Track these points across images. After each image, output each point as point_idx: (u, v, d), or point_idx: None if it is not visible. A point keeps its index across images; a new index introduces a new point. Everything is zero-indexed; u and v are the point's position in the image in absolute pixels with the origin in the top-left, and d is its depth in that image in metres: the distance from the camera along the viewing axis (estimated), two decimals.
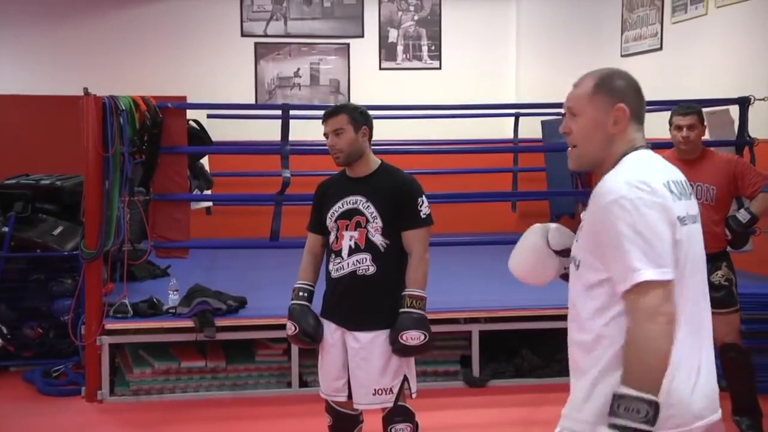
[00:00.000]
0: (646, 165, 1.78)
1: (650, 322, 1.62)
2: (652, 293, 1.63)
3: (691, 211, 1.80)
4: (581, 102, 1.85)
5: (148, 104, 4.67)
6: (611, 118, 1.82)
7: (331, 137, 3.02)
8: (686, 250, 1.75)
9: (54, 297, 5.02)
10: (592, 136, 1.84)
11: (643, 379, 1.60)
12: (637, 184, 1.70)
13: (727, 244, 3.93)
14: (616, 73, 1.87)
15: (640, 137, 1.86)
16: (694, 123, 3.87)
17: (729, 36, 6.06)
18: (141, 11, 7.87)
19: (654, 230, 1.66)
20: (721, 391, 4.50)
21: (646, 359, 1.61)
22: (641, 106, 1.87)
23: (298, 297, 3.08)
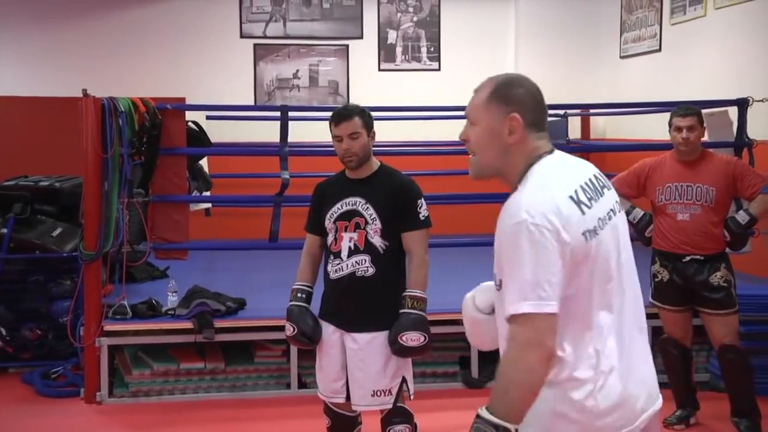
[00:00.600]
0: (550, 181, 1.73)
1: (522, 355, 1.62)
2: (529, 325, 1.62)
3: (604, 211, 1.77)
4: (477, 110, 1.81)
5: (147, 106, 4.67)
6: (506, 127, 1.77)
7: (346, 141, 2.99)
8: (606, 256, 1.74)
9: (53, 298, 5.02)
10: (488, 146, 1.80)
11: (504, 407, 1.61)
12: (537, 210, 1.66)
13: (726, 245, 3.93)
14: (514, 80, 1.82)
15: (543, 144, 1.81)
16: (693, 124, 3.88)
17: (728, 37, 6.06)
18: (140, 13, 7.87)
19: (540, 260, 1.63)
20: (719, 393, 4.53)
21: (511, 389, 1.62)
22: (540, 114, 1.81)
23: (297, 298, 3.09)
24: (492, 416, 1.60)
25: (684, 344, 4.04)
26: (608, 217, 1.79)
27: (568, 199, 1.71)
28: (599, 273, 1.74)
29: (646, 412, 1.79)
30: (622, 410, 1.74)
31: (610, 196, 1.85)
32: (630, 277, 1.85)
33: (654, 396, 1.85)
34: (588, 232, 1.71)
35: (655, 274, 4.03)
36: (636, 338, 1.83)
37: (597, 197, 1.78)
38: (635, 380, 1.78)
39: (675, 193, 3.92)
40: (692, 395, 4.11)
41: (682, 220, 3.90)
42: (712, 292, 3.87)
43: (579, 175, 1.80)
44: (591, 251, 1.71)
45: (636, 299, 1.86)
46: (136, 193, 4.74)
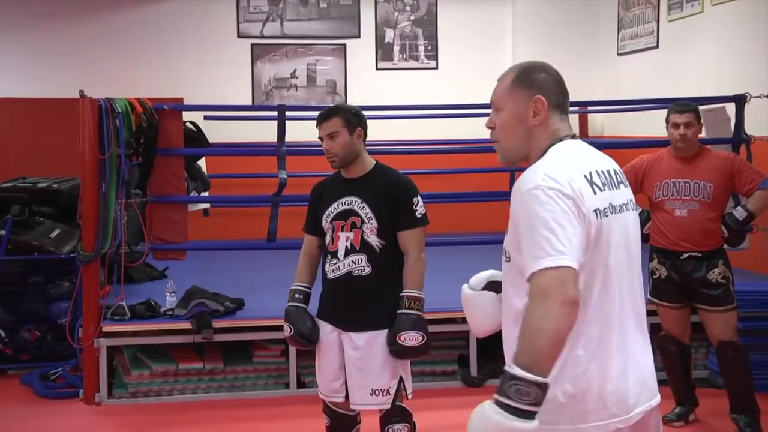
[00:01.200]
0: (566, 157, 1.79)
1: (542, 304, 1.60)
2: (546, 276, 1.62)
3: (617, 201, 1.81)
4: (502, 96, 1.87)
5: (144, 106, 4.67)
6: (530, 110, 1.83)
7: (326, 141, 3.01)
8: (607, 241, 1.76)
9: (51, 300, 5.02)
10: (513, 130, 1.85)
11: (533, 360, 1.58)
12: (551, 175, 1.71)
13: (724, 241, 3.93)
14: (536, 66, 1.88)
15: (565, 127, 1.87)
16: (691, 121, 3.88)
17: (725, 34, 6.06)
18: (137, 13, 7.86)
19: (558, 221, 1.66)
20: (718, 389, 4.53)
21: (536, 340, 1.59)
22: (563, 97, 1.88)
23: (294, 299, 3.09)
24: (526, 372, 1.56)
25: (682, 341, 4.04)
26: (620, 209, 1.81)
27: (582, 177, 1.75)
28: (604, 258, 1.75)
29: (641, 405, 1.80)
30: (615, 399, 1.74)
31: (626, 193, 1.87)
32: (635, 271, 1.87)
33: (652, 391, 1.85)
34: (598, 211, 1.74)
35: (653, 271, 4.03)
36: (635, 333, 1.84)
37: (611, 187, 1.81)
38: (632, 373, 1.79)
39: (672, 189, 3.92)
40: (691, 392, 4.12)
41: (679, 216, 3.90)
42: (710, 289, 3.87)
43: (597, 162, 1.84)
44: (601, 231, 1.73)
45: (638, 295, 1.88)
46: (133, 193, 4.74)
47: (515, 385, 1.56)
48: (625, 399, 1.77)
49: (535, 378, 1.56)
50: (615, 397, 1.74)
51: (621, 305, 1.80)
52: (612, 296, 1.77)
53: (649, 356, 1.88)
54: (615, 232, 1.78)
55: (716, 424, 4.05)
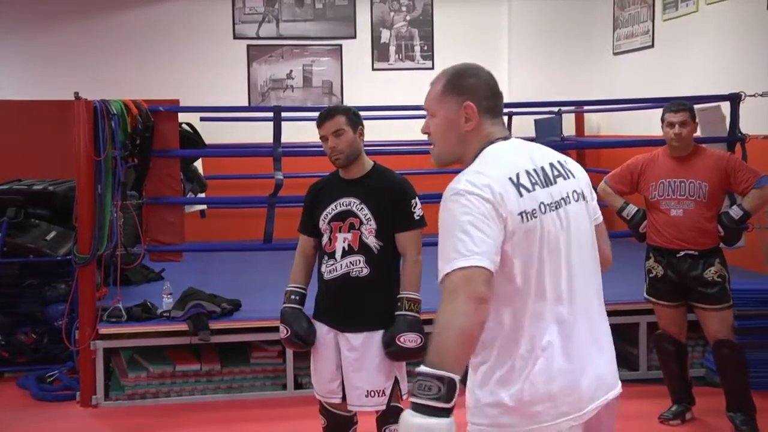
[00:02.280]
0: (493, 161, 1.80)
1: (450, 302, 1.62)
2: (455, 276, 1.64)
3: (552, 197, 1.80)
4: (434, 102, 1.89)
5: (139, 108, 4.66)
6: (462, 116, 1.85)
7: (331, 139, 3.00)
8: (541, 240, 1.76)
9: (48, 302, 5.01)
10: (446, 135, 1.88)
11: (438, 356, 1.58)
12: (474, 181, 1.73)
13: (720, 240, 3.94)
14: (466, 71, 1.89)
15: (498, 130, 1.88)
16: (685, 120, 3.89)
17: (720, 33, 6.08)
18: (133, 15, 7.85)
19: (474, 223, 1.68)
20: (714, 388, 4.54)
21: (443, 336, 1.60)
22: (494, 100, 1.88)
23: (290, 300, 3.08)
24: (432, 368, 1.57)
25: (679, 339, 4.04)
26: (556, 204, 1.80)
27: (507, 180, 1.76)
28: (539, 257, 1.75)
29: (596, 400, 1.80)
30: (564, 396, 1.74)
31: (565, 186, 1.85)
32: (585, 265, 1.85)
33: (609, 385, 1.85)
34: (525, 213, 1.74)
35: (649, 269, 4.03)
36: (589, 327, 1.83)
37: (545, 184, 1.81)
38: (584, 368, 1.78)
39: (668, 188, 3.93)
40: (688, 390, 4.12)
41: (675, 215, 3.90)
42: (706, 287, 3.87)
43: (528, 161, 1.83)
44: (532, 232, 1.74)
45: (591, 289, 1.87)
46: (129, 195, 4.74)
47: (419, 381, 1.57)
48: (578, 396, 1.76)
49: (436, 372, 1.56)
50: (564, 395, 1.74)
51: (570, 303, 1.79)
52: (557, 295, 1.77)
53: (607, 351, 1.88)
54: (552, 229, 1.78)
55: (713, 423, 4.06)
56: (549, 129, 7.60)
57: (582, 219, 1.88)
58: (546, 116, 7.68)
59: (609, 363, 1.88)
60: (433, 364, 1.57)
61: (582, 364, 1.78)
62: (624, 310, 4.75)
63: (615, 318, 4.75)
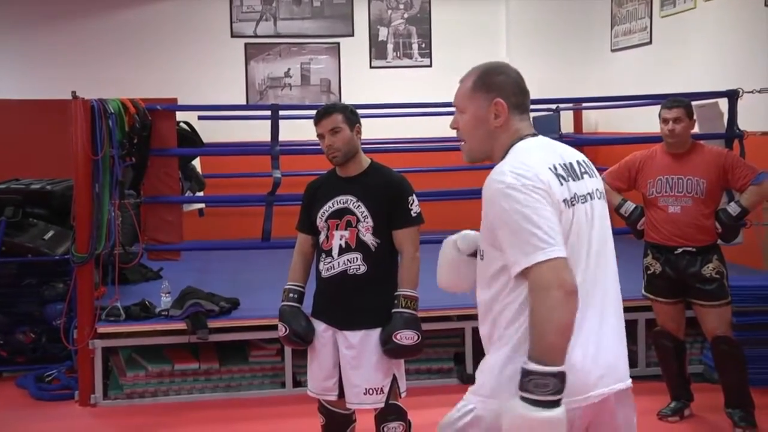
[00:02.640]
0: (528, 153, 1.86)
1: (546, 296, 1.69)
2: (544, 269, 1.70)
3: (582, 191, 1.87)
4: (463, 99, 1.96)
5: (137, 107, 4.66)
6: (491, 113, 1.91)
7: (328, 137, 3.00)
8: (576, 229, 1.82)
9: (46, 301, 5.01)
10: (476, 132, 1.94)
11: (546, 352, 1.67)
12: (520, 172, 1.78)
13: (718, 237, 3.94)
14: (495, 68, 1.96)
15: (526, 126, 1.94)
16: (680, 116, 3.88)
17: (718, 29, 6.08)
18: (130, 14, 7.85)
19: (539, 213, 1.73)
20: (713, 384, 4.53)
21: (546, 331, 1.68)
22: (522, 97, 1.95)
23: (289, 298, 3.08)
24: (540, 366, 1.66)
25: (677, 336, 4.04)
26: (585, 198, 1.87)
27: (547, 169, 1.82)
28: (572, 246, 1.81)
29: (602, 387, 1.82)
30: (573, 379, 1.76)
31: (591, 183, 1.93)
32: (606, 259, 1.91)
33: (618, 376, 1.87)
34: (565, 200, 1.81)
35: (647, 266, 4.03)
36: (607, 317, 1.87)
37: (574, 178, 1.87)
38: (598, 356, 1.82)
39: (666, 185, 3.93)
40: (686, 387, 4.12)
41: (673, 212, 3.90)
42: (704, 284, 3.87)
43: (558, 156, 1.90)
44: (568, 219, 1.80)
45: (610, 282, 1.92)
46: (127, 194, 4.73)
47: (533, 379, 1.66)
48: (585, 380, 1.80)
49: (549, 369, 1.66)
50: (574, 377, 1.77)
51: (591, 291, 1.84)
52: (581, 282, 1.80)
53: (620, 342, 1.92)
54: (581, 221, 1.84)
55: (711, 419, 4.06)
56: (547, 126, 7.59)
57: (604, 215, 1.94)
58: (544, 113, 7.68)
59: (622, 355, 1.91)
60: (543, 362, 1.66)
61: (598, 351, 1.82)
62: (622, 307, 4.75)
63: None
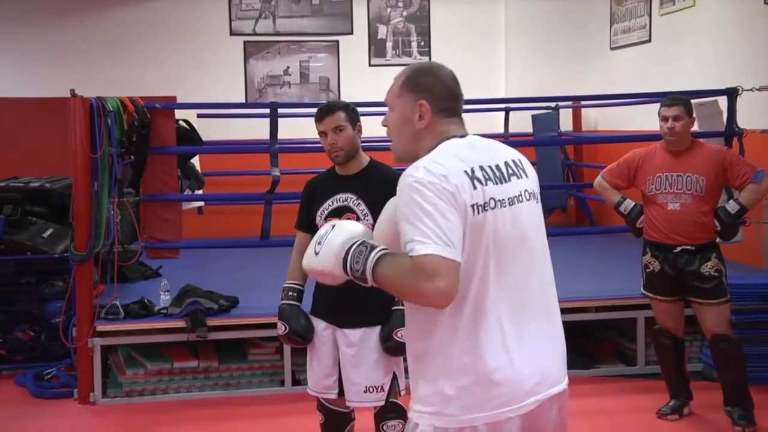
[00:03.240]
0: (447, 153, 1.83)
1: (419, 278, 1.67)
2: (431, 259, 1.67)
3: (503, 194, 1.83)
4: (392, 98, 1.96)
5: (135, 105, 4.66)
6: (416, 113, 1.90)
7: (331, 135, 2.99)
8: (489, 235, 1.79)
9: (45, 300, 5.01)
10: (401, 131, 1.94)
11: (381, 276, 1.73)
12: (432, 169, 1.76)
13: (717, 235, 3.94)
14: (425, 69, 1.95)
15: (454, 128, 1.91)
16: (679, 114, 3.88)
17: (717, 27, 6.08)
18: (129, 12, 7.84)
19: (441, 213, 1.72)
20: (712, 382, 4.53)
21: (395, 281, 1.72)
22: (451, 101, 1.92)
23: (288, 297, 3.08)
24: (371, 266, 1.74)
25: (676, 334, 4.04)
26: (509, 202, 1.84)
27: (461, 172, 1.79)
28: (486, 251, 1.78)
29: (537, 394, 1.82)
30: (503, 389, 1.77)
31: (519, 184, 1.89)
32: (535, 262, 1.88)
33: (552, 380, 1.86)
34: (476, 205, 1.78)
35: (646, 264, 4.03)
36: (537, 322, 1.86)
37: (498, 181, 1.85)
38: (528, 363, 1.81)
39: (665, 182, 3.92)
40: (685, 385, 4.12)
41: (672, 209, 3.90)
42: (703, 282, 3.87)
43: (483, 158, 1.86)
44: (480, 225, 1.77)
45: (541, 285, 1.90)
46: (126, 192, 4.73)
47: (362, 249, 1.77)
48: (517, 389, 1.79)
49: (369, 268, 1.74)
50: (504, 387, 1.77)
51: (516, 296, 1.82)
52: (500, 289, 1.80)
53: (555, 345, 1.90)
54: (500, 225, 1.81)
55: (710, 417, 4.06)
56: (546, 124, 7.60)
57: (533, 217, 1.91)
58: (543, 111, 7.68)
59: (555, 358, 1.90)
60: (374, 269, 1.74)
61: (524, 358, 1.81)
62: (621, 305, 4.76)
63: (612, 313, 4.80)
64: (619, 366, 4.89)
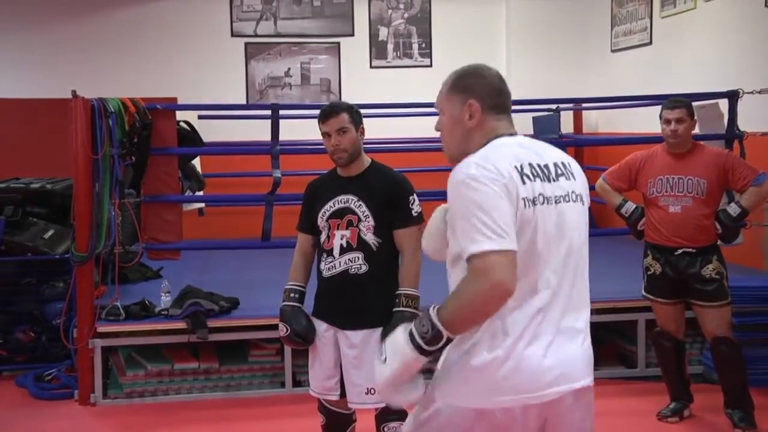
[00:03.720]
0: (498, 150, 1.89)
1: (477, 281, 1.73)
2: (488, 258, 1.72)
3: (551, 193, 1.88)
4: (441, 101, 2.03)
5: (137, 106, 4.66)
6: (466, 113, 1.96)
7: (335, 137, 3.00)
8: (540, 229, 1.84)
9: (46, 300, 5.01)
10: (453, 132, 2.00)
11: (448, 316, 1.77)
12: (482, 164, 1.82)
13: (718, 238, 3.94)
14: (471, 71, 2.01)
15: (503, 125, 1.97)
16: (682, 116, 3.89)
17: (718, 29, 6.08)
18: (130, 13, 7.85)
19: (493, 204, 1.76)
20: (713, 385, 4.53)
21: (459, 308, 1.76)
22: (498, 98, 1.98)
23: (290, 298, 3.08)
24: (437, 318, 1.78)
25: (677, 337, 4.04)
26: (555, 200, 1.88)
27: (512, 167, 1.85)
28: (530, 245, 1.83)
29: (557, 386, 1.84)
30: (527, 376, 1.81)
31: (567, 184, 1.93)
32: (574, 261, 1.91)
33: (576, 375, 1.88)
34: (526, 199, 1.82)
35: (647, 267, 4.03)
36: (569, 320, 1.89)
37: (545, 179, 1.89)
38: (555, 355, 1.84)
39: (666, 185, 3.93)
40: (686, 387, 4.12)
41: (673, 212, 3.90)
42: (704, 285, 3.87)
43: (532, 156, 1.91)
44: (528, 219, 1.82)
45: (577, 283, 1.92)
46: (127, 193, 4.73)
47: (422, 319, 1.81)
48: (539, 378, 1.82)
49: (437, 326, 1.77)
50: (528, 374, 1.81)
51: (555, 293, 1.86)
52: (541, 284, 1.84)
53: (582, 343, 1.92)
54: (546, 222, 1.85)
55: (711, 420, 4.06)
56: (547, 126, 7.60)
57: (577, 218, 1.94)
58: (544, 113, 7.68)
59: (582, 355, 1.92)
60: (440, 317, 1.78)
61: (556, 351, 1.84)
62: (622, 307, 4.76)
63: (613, 315, 4.80)
64: (619, 368, 4.89)
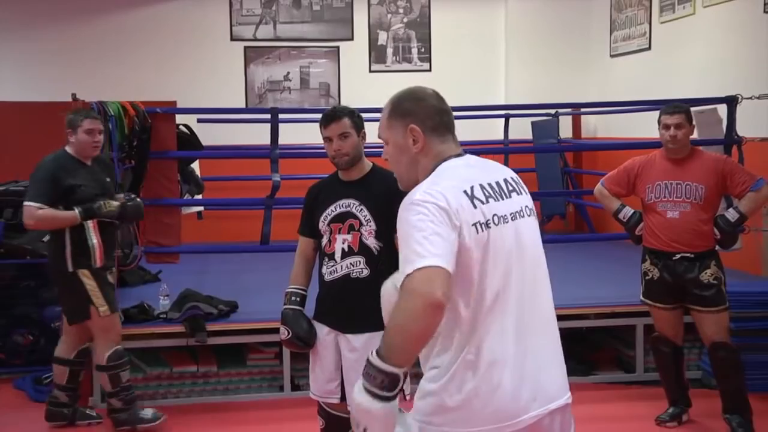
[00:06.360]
0: (446, 175, 1.86)
1: (407, 301, 1.66)
2: (415, 277, 1.67)
3: (506, 210, 1.85)
4: (384, 130, 1.98)
5: (136, 109, 4.67)
6: (409, 138, 1.91)
7: (337, 141, 3.00)
8: (494, 251, 1.80)
9: (44, 304, 5.01)
10: (400, 160, 1.95)
11: (389, 351, 1.67)
12: (429, 191, 1.78)
13: (716, 243, 3.94)
14: (406, 95, 1.97)
15: (449, 147, 1.93)
16: (681, 122, 3.89)
17: (716, 35, 6.10)
18: (130, 17, 7.86)
19: (432, 228, 1.73)
20: (711, 390, 4.53)
21: (396, 333, 1.67)
22: (440, 117, 1.93)
23: (291, 302, 3.08)
24: (381, 362, 1.67)
25: (675, 342, 4.05)
26: (511, 217, 1.86)
27: (461, 192, 1.81)
28: (491, 268, 1.80)
29: (532, 411, 1.81)
30: (502, 405, 1.78)
31: (519, 200, 1.92)
32: (536, 278, 1.89)
33: (550, 396, 1.86)
34: (478, 224, 1.79)
35: (645, 272, 4.04)
36: (538, 338, 1.86)
37: (499, 197, 1.87)
38: (526, 379, 1.81)
39: (665, 190, 3.93)
40: (684, 393, 4.13)
41: (672, 217, 3.91)
42: (702, 290, 3.88)
43: (482, 175, 1.89)
44: (485, 242, 1.79)
45: (541, 301, 1.90)
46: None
47: (367, 370, 1.69)
48: (513, 405, 1.80)
49: (384, 367, 1.66)
50: (502, 403, 1.78)
51: (518, 312, 1.83)
52: (504, 305, 1.81)
53: (553, 360, 1.90)
54: (504, 240, 1.82)
55: (709, 425, 4.06)
56: (546, 131, 7.61)
57: (533, 233, 1.93)
58: (543, 118, 7.70)
59: (555, 375, 1.90)
60: (383, 358, 1.67)
61: (526, 374, 1.82)
62: (620, 312, 4.76)
63: (612, 320, 4.81)
64: (618, 373, 4.89)
